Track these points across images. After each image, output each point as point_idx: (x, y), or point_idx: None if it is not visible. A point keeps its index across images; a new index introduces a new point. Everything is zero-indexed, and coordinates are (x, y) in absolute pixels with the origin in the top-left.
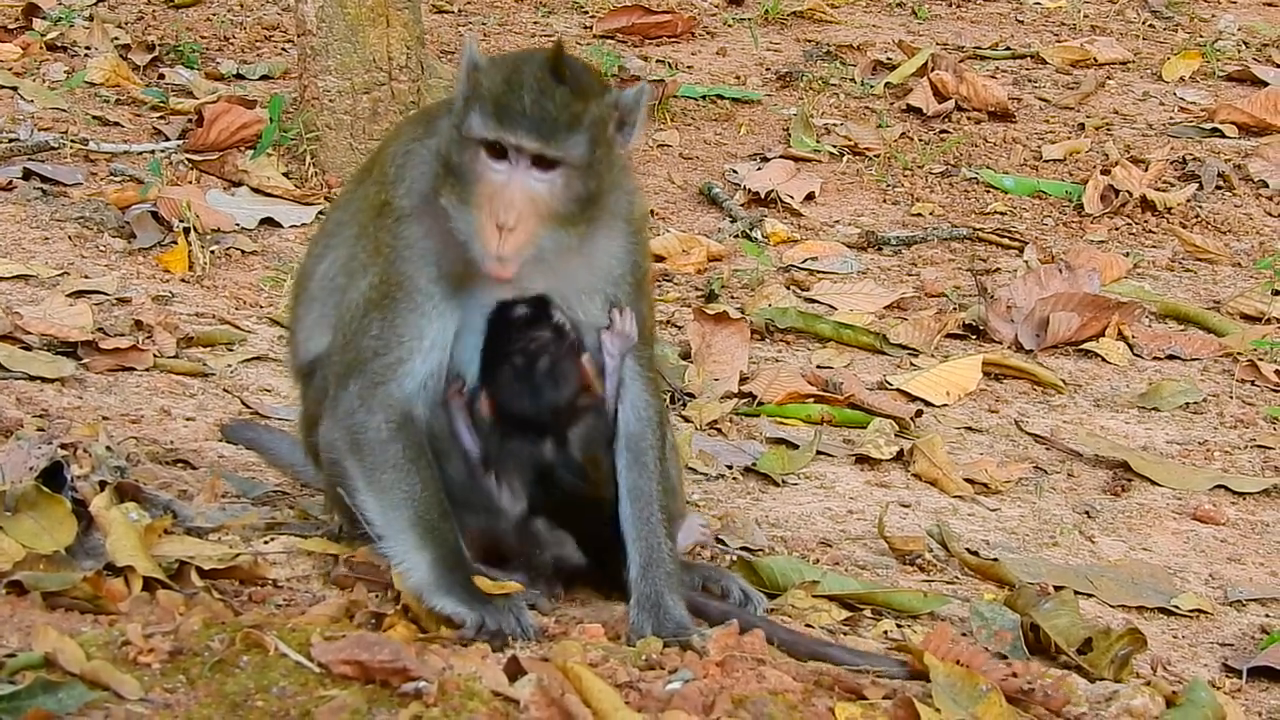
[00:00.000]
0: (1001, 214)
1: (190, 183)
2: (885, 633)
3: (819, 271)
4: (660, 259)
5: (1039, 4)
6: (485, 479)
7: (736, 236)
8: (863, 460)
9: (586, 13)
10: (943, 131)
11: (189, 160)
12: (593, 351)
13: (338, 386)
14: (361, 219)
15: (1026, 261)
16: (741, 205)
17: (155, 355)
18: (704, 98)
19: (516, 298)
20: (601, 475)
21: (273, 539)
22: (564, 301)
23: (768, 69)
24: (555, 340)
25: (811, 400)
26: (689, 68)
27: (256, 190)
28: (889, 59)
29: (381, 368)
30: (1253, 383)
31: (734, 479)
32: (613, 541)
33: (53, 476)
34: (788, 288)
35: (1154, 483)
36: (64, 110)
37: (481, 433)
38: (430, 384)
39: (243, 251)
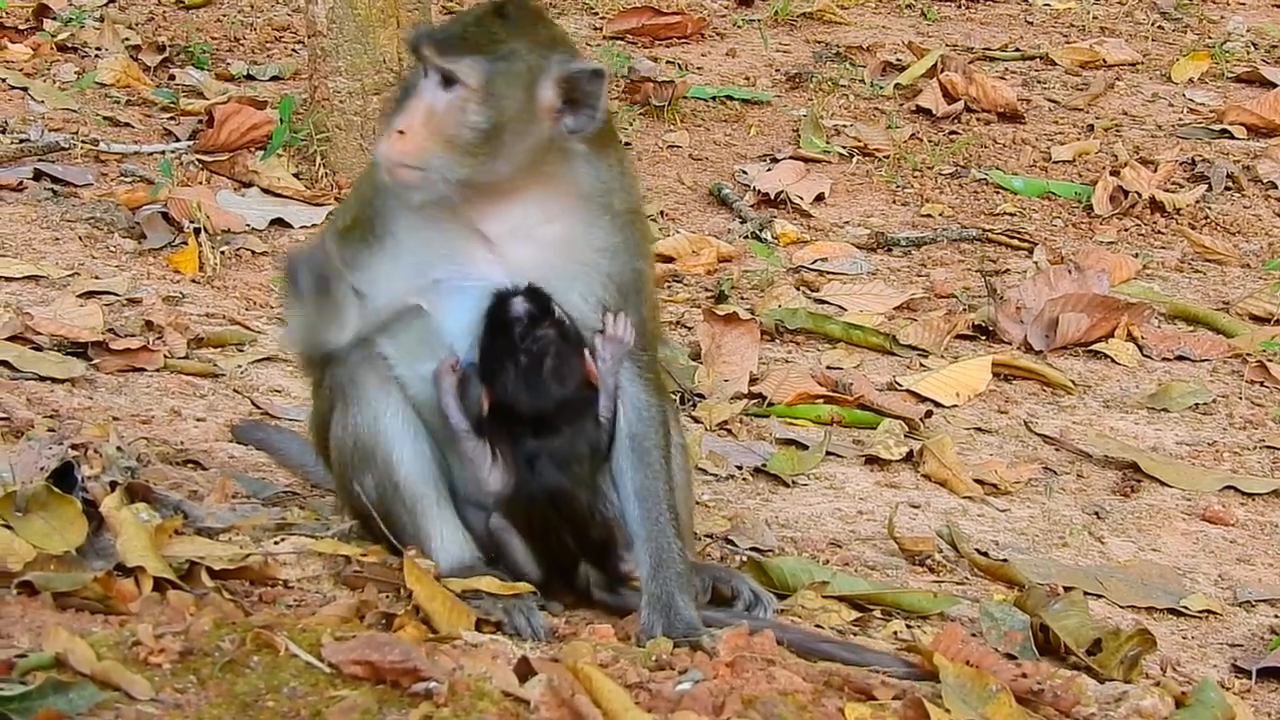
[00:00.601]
0: (1011, 215)
1: (201, 183)
2: (895, 633)
3: (829, 272)
4: (670, 260)
5: (1048, 5)
6: (477, 451)
7: (746, 237)
8: (872, 461)
9: (596, 14)
10: (952, 133)
11: (199, 161)
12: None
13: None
14: (358, 181)
15: (1036, 262)
16: (751, 206)
17: (166, 356)
18: (714, 99)
19: (513, 289)
20: (583, 474)
21: (283, 539)
22: (553, 293)
23: (777, 70)
24: (559, 337)
25: (821, 401)
26: (699, 69)
27: (267, 191)
28: (898, 60)
29: None
30: (1262, 384)
31: (744, 479)
32: (577, 549)
33: (63, 477)
34: (797, 288)
35: (1163, 484)
36: (74, 111)
37: (473, 412)
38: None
39: (253, 252)
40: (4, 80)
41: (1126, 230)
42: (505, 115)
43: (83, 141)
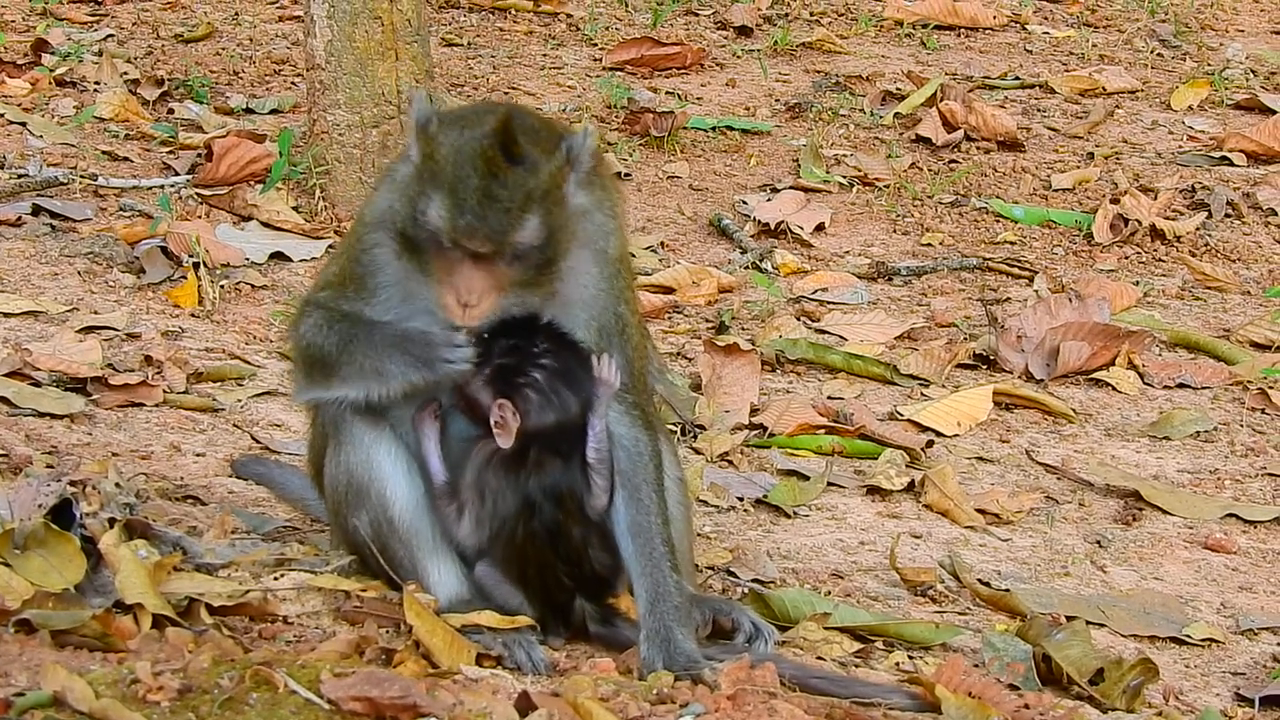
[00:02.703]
0: (1011, 244)
1: (200, 217)
2: (897, 664)
3: (829, 302)
4: (670, 290)
5: (1047, 33)
6: (448, 507)
7: (747, 268)
8: (874, 491)
9: (596, 45)
10: (952, 161)
11: (198, 195)
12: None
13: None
14: (345, 238)
15: (1036, 291)
16: (751, 236)
17: (165, 391)
18: (713, 129)
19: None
20: (575, 509)
21: (282, 575)
22: None
23: (777, 100)
24: (557, 337)
25: (822, 431)
26: (698, 99)
27: (266, 224)
28: (898, 89)
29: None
30: (1263, 411)
31: (745, 511)
32: (572, 584)
33: (62, 514)
34: (798, 319)
35: (1165, 512)
36: (73, 146)
37: (453, 460)
38: None
39: (252, 286)
40: (2, 115)
41: (1127, 258)
42: (559, 237)
43: (81, 176)
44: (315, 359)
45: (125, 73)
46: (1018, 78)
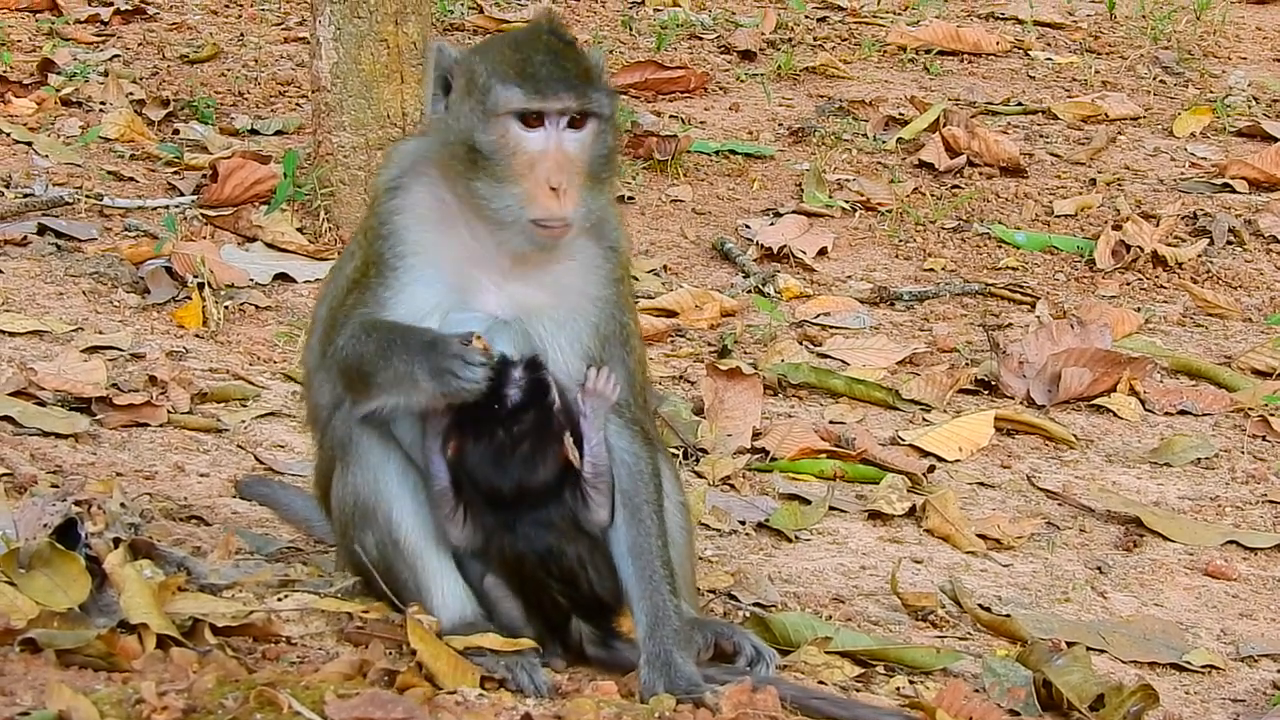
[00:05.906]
0: (1013, 269)
1: (204, 238)
2: (898, 689)
3: (832, 327)
4: (673, 314)
5: (1050, 60)
6: (446, 501)
7: (749, 292)
8: (875, 516)
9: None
10: (954, 187)
11: (203, 216)
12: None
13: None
14: (358, 231)
15: (1038, 317)
16: (754, 260)
17: (169, 411)
18: (717, 153)
19: (516, 359)
20: (569, 529)
21: (286, 596)
22: (542, 335)
23: (780, 124)
24: (540, 424)
25: (824, 456)
26: (702, 123)
27: (271, 246)
28: (901, 114)
29: None
30: (1264, 438)
31: (747, 534)
32: (569, 606)
33: (66, 533)
34: (800, 343)
35: (1166, 538)
36: (79, 165)
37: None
38: None
39: (257, 307)
40: (8, 135)
41: (1129, 284)
42: (618, 128)
43: (87, 196)
44: (355, 369)
45: (131, 93)
46: (1020, 103)
